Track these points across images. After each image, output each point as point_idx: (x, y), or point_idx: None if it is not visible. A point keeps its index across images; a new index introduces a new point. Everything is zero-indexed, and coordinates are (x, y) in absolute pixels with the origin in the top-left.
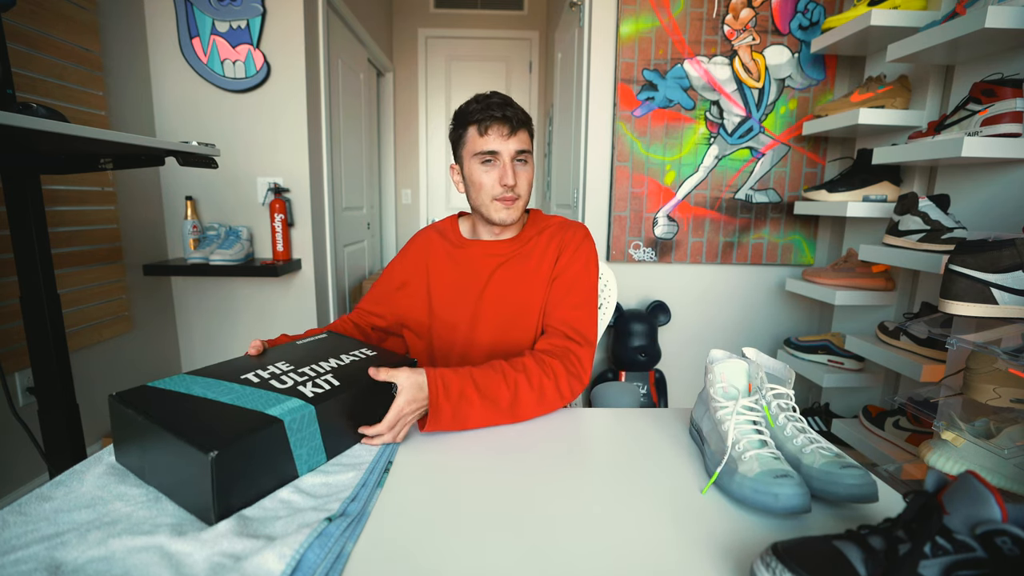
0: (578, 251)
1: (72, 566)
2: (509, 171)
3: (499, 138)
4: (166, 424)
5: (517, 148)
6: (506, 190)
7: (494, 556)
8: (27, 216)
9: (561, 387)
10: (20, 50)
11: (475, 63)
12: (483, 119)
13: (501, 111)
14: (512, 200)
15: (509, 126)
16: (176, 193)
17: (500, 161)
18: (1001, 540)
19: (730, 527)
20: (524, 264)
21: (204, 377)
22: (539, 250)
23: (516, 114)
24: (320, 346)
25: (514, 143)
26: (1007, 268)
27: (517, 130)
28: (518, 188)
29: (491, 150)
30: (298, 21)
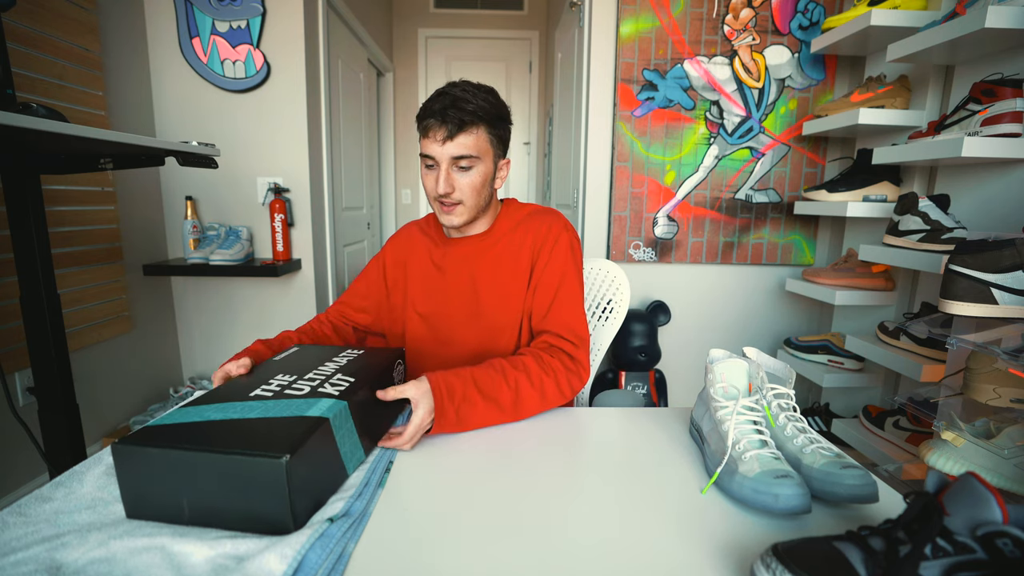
0: (556, 247)
1: (73, 567)
2: (442, 179)
3: (435, 142)
4: (213, 447)
5: (455, 154)
6: (443, 196)
7: (495, 556)
8: (27, 216)
9: (561, 385)
10: (20, 50)
11: (475, 63)
12: (422, 118)
13: (441, 113)
14: (451, 206)
15: (446, 129)
16: (176, 193)
17: (437, 166)
18: (1002, 542)
19: (730, 527)
20: (499, 262)
21: (209, 404)
22: (514, 247)
23: (459, 114)
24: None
25: (453, 147)
26: (1007, 268)
27: (458, 132)
28: (455, 195)
29: (426, 153)
30: (298, 21)
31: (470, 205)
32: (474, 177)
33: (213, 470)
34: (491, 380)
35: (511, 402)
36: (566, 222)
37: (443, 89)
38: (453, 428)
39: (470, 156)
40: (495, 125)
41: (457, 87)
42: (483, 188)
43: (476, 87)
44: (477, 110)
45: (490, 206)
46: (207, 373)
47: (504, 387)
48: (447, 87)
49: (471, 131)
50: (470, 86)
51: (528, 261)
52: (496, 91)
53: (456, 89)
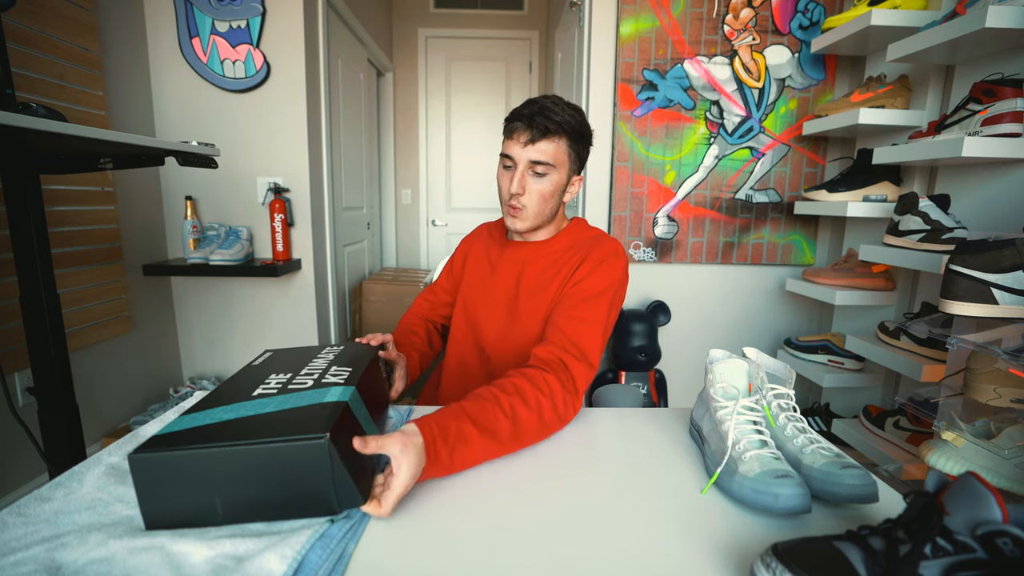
0: (601, 266)
1: (72, 568)
2: (516, 179)
3: (517, 144)
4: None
5: (532, 158)
6: (512, 198)
7: (495, 555)
8: (27, 216)
9: (557, 405)
10: (20, 50)
11: (475, 63)
12: (510, 120)
13: (528, 118)
14: (517, 210)
15: (529, 133)
16: (176, 193)
17: (515, 167)
18: (1002, 541)
19: (730, 527)
20: (545, 271)
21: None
22: (562, 261)
23: (545, 122)
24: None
25: (532, 152)
26: (1007, 268)
27: (540, 138)
28: (523, 199)
29: (507, 154)
30: (298, 21)
31: (534, 212)
32: (546, 184)
33: (250, 463)
34: (485, 411)
35: (510, 432)
36: (623, 252)
37: (534, 98)
38: (447, 472)
39: (546, 163)
40: (576, 140)
41: (549, 99)
42: (552, 197)
43: (566, 103)
44: (563, 122)
45: (556, 218)
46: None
47: (500, 416)
48: (539, 97)
49: (553, 140)
50: (561, 100)
51: (569, 272)
52: (583, 111)
53: (547, 100)
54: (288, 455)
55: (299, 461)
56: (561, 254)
